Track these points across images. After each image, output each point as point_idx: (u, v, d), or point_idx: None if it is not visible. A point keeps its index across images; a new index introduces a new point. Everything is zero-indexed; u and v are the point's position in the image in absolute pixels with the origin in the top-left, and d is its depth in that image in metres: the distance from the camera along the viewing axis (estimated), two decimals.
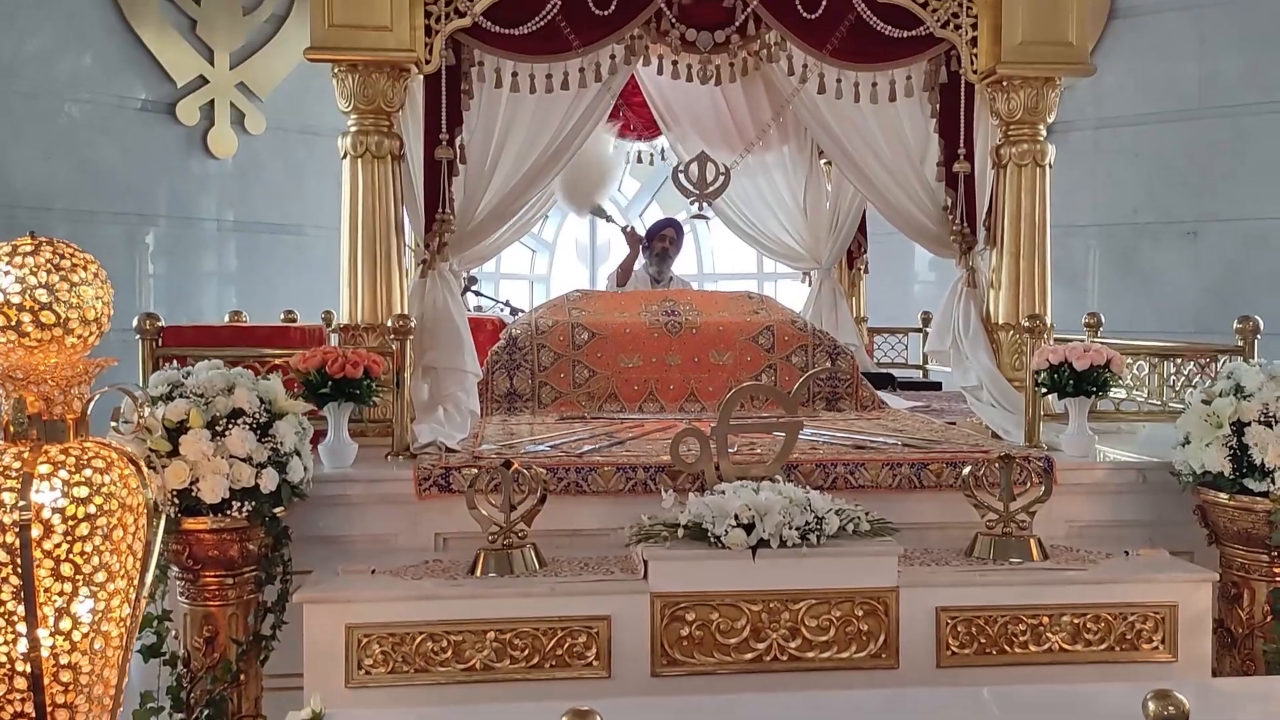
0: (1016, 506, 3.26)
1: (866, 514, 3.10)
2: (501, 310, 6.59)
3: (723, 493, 3.10)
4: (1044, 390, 3.69)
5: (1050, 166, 4.15)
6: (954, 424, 4.44)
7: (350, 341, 3.92)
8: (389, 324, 3.68)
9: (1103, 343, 3.78)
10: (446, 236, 4.08)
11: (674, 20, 4.07)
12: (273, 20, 7.74)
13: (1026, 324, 3.84)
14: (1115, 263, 7.56)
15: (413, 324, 3.68)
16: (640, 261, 6.34)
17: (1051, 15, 4.00)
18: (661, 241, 6.29)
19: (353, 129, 3.94)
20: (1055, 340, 4.01)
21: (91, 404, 2.32)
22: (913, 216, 4.37)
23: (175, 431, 2.84)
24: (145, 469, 2.29)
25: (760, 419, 4.37)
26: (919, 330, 6.72)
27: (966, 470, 3.32)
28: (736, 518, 2.97)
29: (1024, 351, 4.11)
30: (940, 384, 6.39)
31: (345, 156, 3.95)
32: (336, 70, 3.92)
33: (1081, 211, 7.39)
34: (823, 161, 6.26)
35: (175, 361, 3.25)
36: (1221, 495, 3.24)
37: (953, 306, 4.30)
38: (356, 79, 3.88)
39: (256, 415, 2.93)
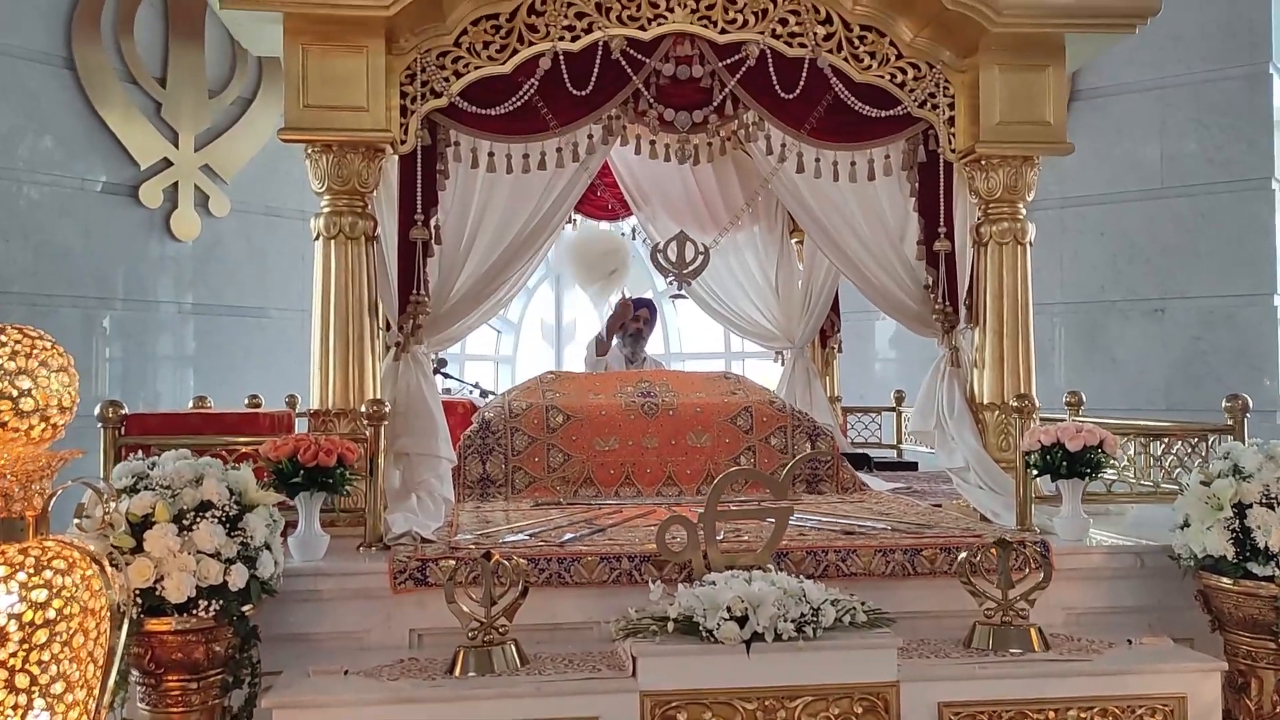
0: (1015, 594, 3.16)
1: (863, 604, 2.98)
2: (471, 393, 6.47)
3: (713, 583, 2.98)
4: (1036, 472, 3.62)
5: (1031, 245, 4.13)
6: (939, 506, 4.36)
7: (321, 427, 3.78)
8: (362, 409, 3.55)
9: (1092, 422, 3.72)
10: (421, 318, 3.98)
11: (652, 100, 4.04)
12: (239, 102, 7.69)
13: (1014, 404, 3.78)
14: (1083, 340, 7.59)
15: (386, 409, 3.55)
16: (614, 341, 6.27)
17: (1028, 95, 4.02)
18: (636, 322, 6.24)
19: (326, 210, 3.85)
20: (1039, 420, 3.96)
21: (53, 500, 2.17)
22: (893, 295, 4.33)
23: (140, 526, 2.69)
24: (109, 568, 2.14)
25: (742, 503, 4.27)
26: (891, 409, 6.68)
27: (962, 556, 3.22)
28: (729, 610, 2.85)
29: (1010, 432, 4.06)
30: (916, 464, 6.32)
31: (318, 238, 3.86)
32: (310, 151, 3.84)
33: (1049, 289, 7.43)
34: (794, 240, 6.26)
35: (139, 451, 3.10)
36: (1225, 580, 3.16)
37: (936, 386, 4.24)
38: (331, 159, 3.80)
39: (226, 508, 2.78)
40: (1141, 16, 3.91)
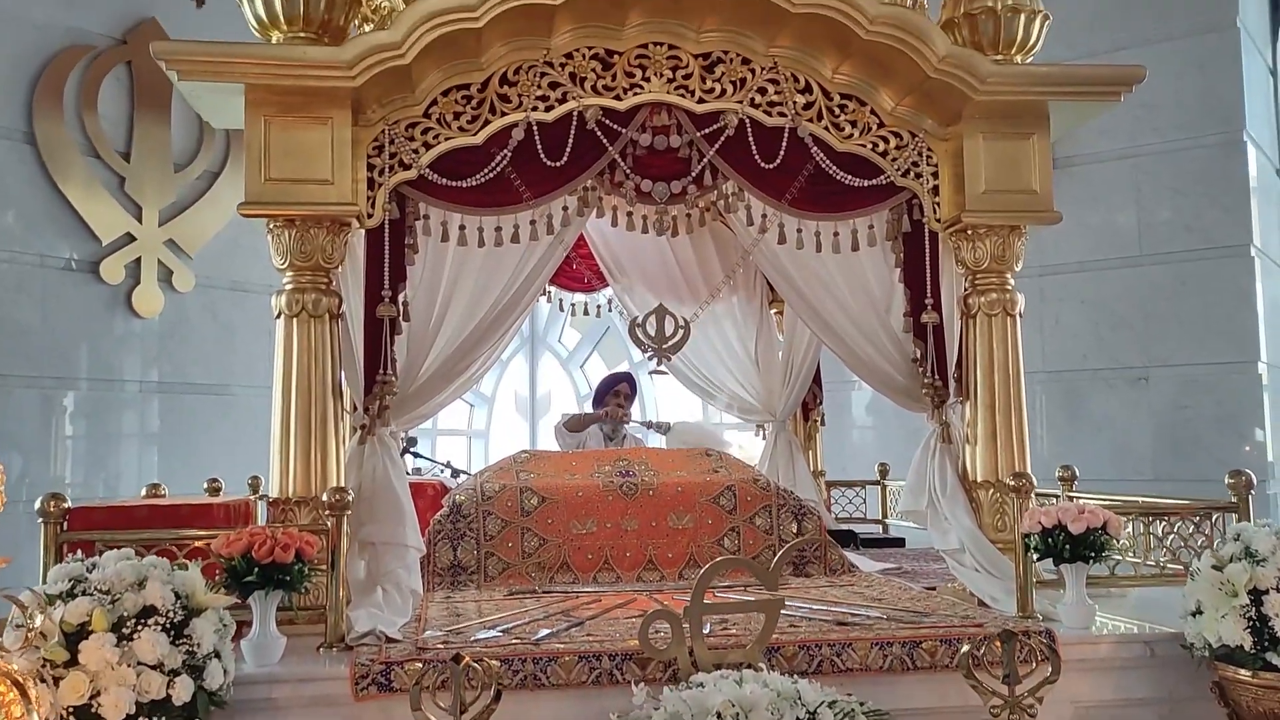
0: (1023, 689, 2.96)
1: (862, 704, 2.78)
2: (441, 473, 6.25)
3: (701, 685, 2.76)
4: (1037, 555, 3.44)
5: (1021, 315, 4.00)
6: (933, 589, 4.16)
7: (280, 517, 3.57)
8: (324, 497, 3.33)
9: (1092, 499, 3.56)
10: (388, 399, 3.79)
11: (628, 171, 3.91)
12: (205, 176, 7.55)
13: (1011, 482, 3.61)
14: (1066, 409, 7.47)
15: (350, 497, 3.34)
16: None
17: (1013, 164, 3.92)
18: (616, 398, 6.06)
19: (288, 287, 3.67)
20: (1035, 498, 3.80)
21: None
22: (880, 369, 4.18)
23: (75, 636, 2.46)
24: (34, 688, 1.92)
25: (728, 589, 4.07)
26: (876, 483, 6.51)
27: (964, 650, 3.03)
28: (719, 716, 2.63)
29: (1006, 511, 3.89)
30: (903, 540, 6.14)
31: (279, 316, 3.67)
32: (272, 226, 3.67)
33: (1030, 358, 7.25)
34: (773, 311, 6.12)
35: (78, 550, 2.87)
36: (1243, 672, 2.97)
37: (926, 463, 4.07)
38: (294, 234, 3.63)
39: (171, 613, 2.56)
40: (1126, 85, 3.83)
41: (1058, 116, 3.94)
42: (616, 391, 6.12)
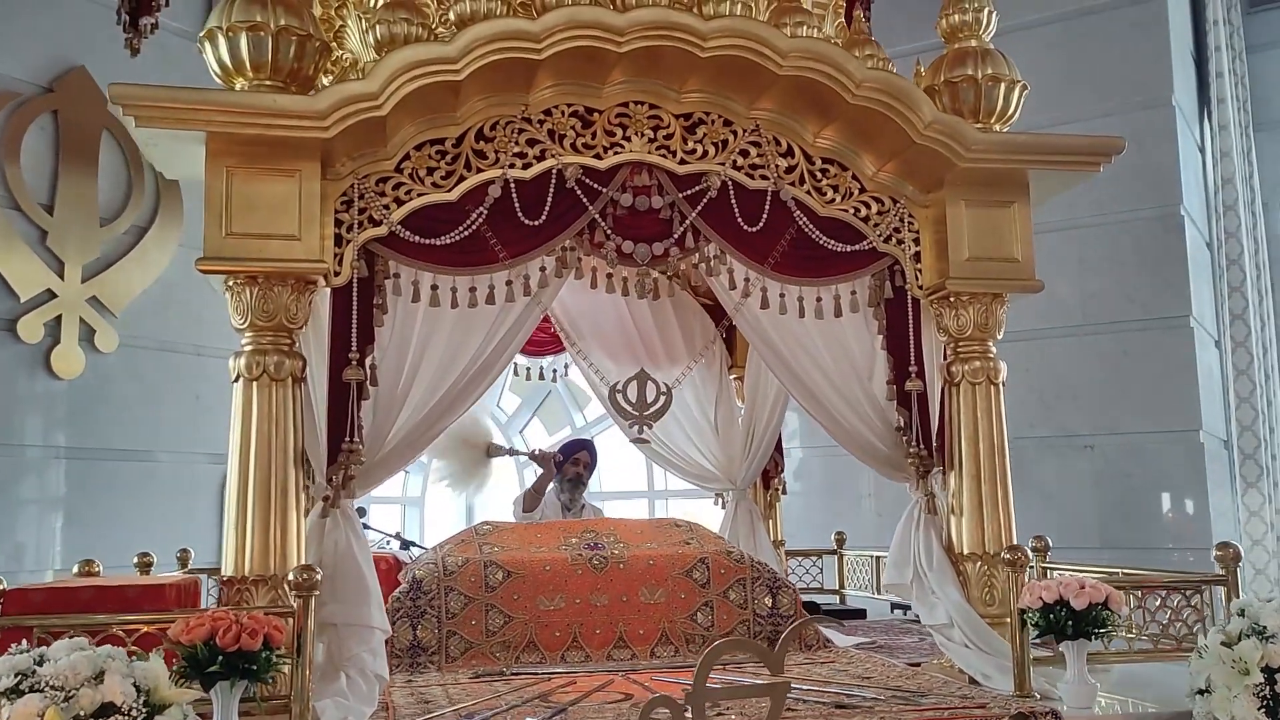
0: None
1: None
2: (388, 544, 5.95)
3: None
4: (1036, 632, 3.33)
5: (1004, 385, 3.94)
6: (917, 665, 4.02)
7: (235, 598, 3.30)
8: (290, 576, 3.08)
9: (1063, 568, 3.47)
10: (354, 468, 3.56)
11: (609, 232, 3.77)
12: (133, 231, 7.22)
13: (1006, 556, 3.50)
14: (1014, 477, 7.41)
15: (318, 576, 3.09)
16: (550, 486, 5.87)
17: (995, 232, 3.89)
18: (575, 466, 5.86)
19: (248, 348, 3.45)
20: None
21: None
22: (862, 437, 4.07)
23: None
24: None
25: (726, 666, 3.88)
26: (832, 552, 6.40)
27: None
28: None
29: (995, 584, 3.80)
30: (865, 611, 6.02)
31: (238, 379, 3.44)
32: (232, 283, 3.45)
33: None
34: (732, 377, 6.01)
35: (22, 640, 2.58)
36: None
37: (911, 535, 3.96)
38: (256, 293, 3.41)
39: (133, 712, 2.29)
40: (1105, 155, 3.84)
41: (1038, 185, 3.93)
42: (576, 460, 5.92)
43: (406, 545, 5.80)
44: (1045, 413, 7.35)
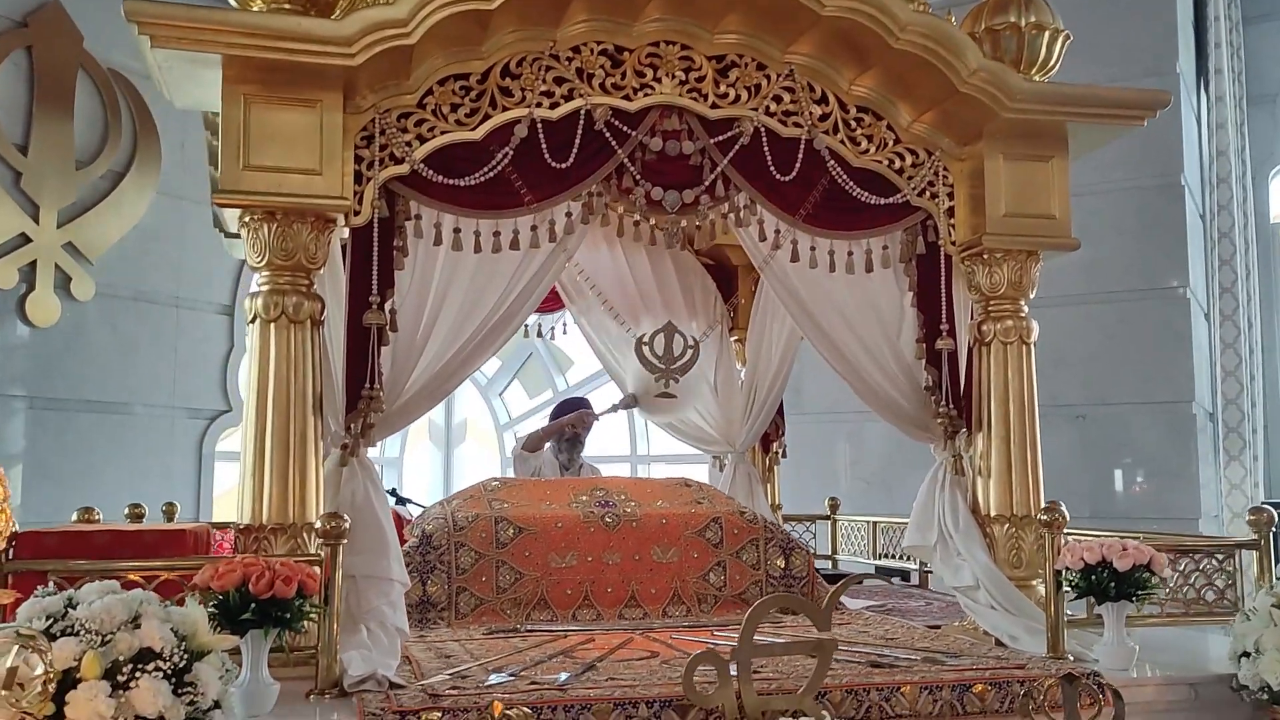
0: None
1: None
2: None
3: None
4: (1075, 593, 3.27)
5: (1035, 344, 3.87)
6: (936, 627, 3.96)
7: (253, 547, 3.15)
8: (317, 524, 2.94)
9: (1082, 534, 3.41)
10: (373, 416, 3.41)
11: (638, 177, 3.64)
12: (110, 176, 6.97)
13: (1043, 517, 3.43)
14: None
15: (346, 524, 2.96)
16: (548, 445, 5.75)
17: (1033, 187, 3.79)
18: (574, 426, 5.72)
19: (265, 288, 3.28)
20: None
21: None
22: (888, 395, 3.98)
23: (60, 685, 2.04)
24: None
25: (720, 630, 3.80)
26: (826, 518, 6.33)
27: (1024, 694, 2.82)
28: None
29: (1022, 547, 3.73)
30: (861, 578, 5.96)
31: (254, 320, 3.28)
32: (248, 219, 3.28)
33: None
34: (733, 339, 5.89)
35: (49, 582, 2.43)
36: None
37: (935, 497, 3.88)
38: (274, 230, 3.25)
39: (174, 657, 2.15)
40: (1151, 110, 3.75)
41: (1076, 140, 3.84)
42: (572, 421, 5.79)
43: (401, 501, 5.66)
44: (1040, 382, 7.30)
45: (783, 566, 4.39)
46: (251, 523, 3.19)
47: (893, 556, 5.86)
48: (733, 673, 2.73)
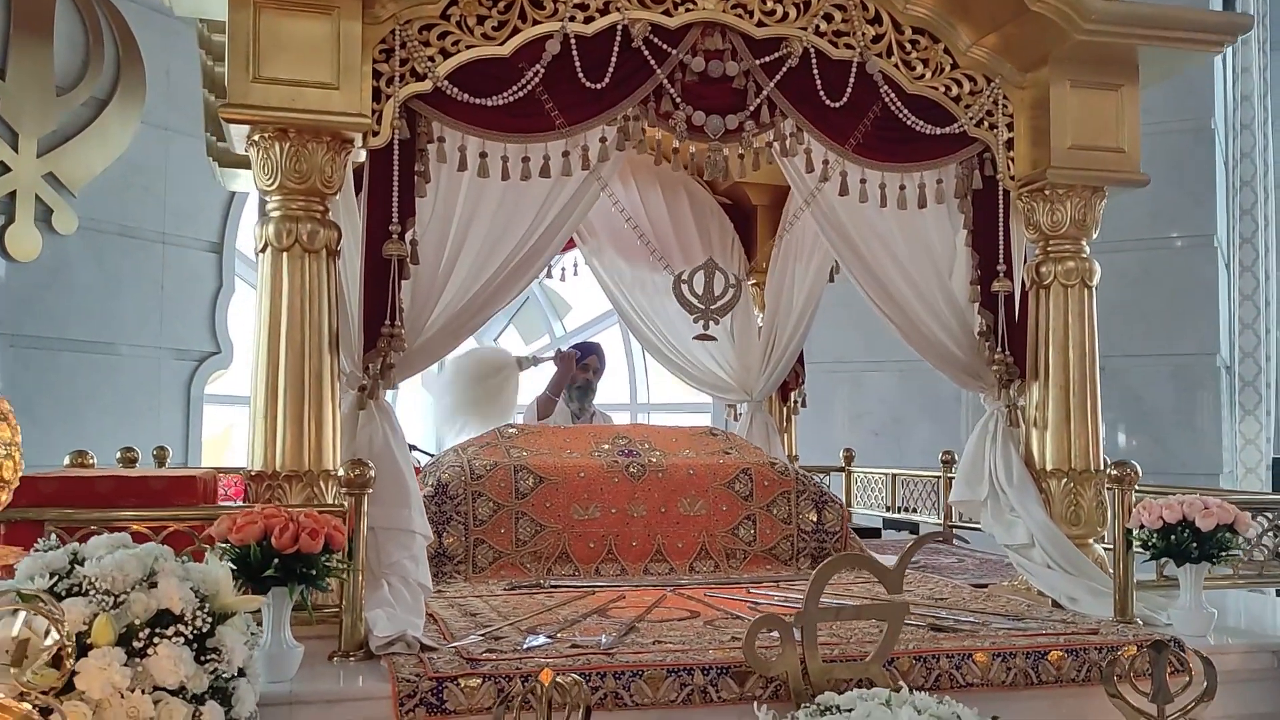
0: (1173, 709, 2.56)
1: None
2: None
3: (835, 709, 2.26)
4: (1152, 554, 3.06)
5: (1096, 288, 3.63)
6: (983, 585, 3.76)
7: (266, 496, 2.90)
8: (341, 471, 2.69)
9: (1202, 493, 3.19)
10: (393, 356, 3.15)
11: (677, 100, 3.35)
12: (92, 104, 6.59)
13: (1114, 471, 3.21)
14: None
15: (371, 472, 2.70)
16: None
17: (1102, 118, 3.53)
18: (585, 372, 5.47)
19: (275, 214, 3.00)
20: None
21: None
22: (938, 341, 3.74)
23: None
24: None
25: (756, 588, 3.59)
26: (840, 469, 6.11)
27: (1109, 661, 2.61)
28: None
29: (1081, 503, 3.52)
30: (879, 530, 5.78)
31: (265, 248, 3.00)
32: (258, 137, 2.98)
33: None
34: (751, 283, 5.63)
35: (51, 535, 2.17)
36: None
37: (986, 449, 3.65)
38: (287, 149, 2.96)
39: (196, 620, 1.90)
40: (1231, 34, 3.49)
41: (1146, 68, 3.57)
42: (585, 365, 5.54)
43: (411, 448, 5.38)
44: None
45: (814, 520, 4.17)
46: (264, 469, 2.93)
47: (908, 510, 5.68)
48: (796, 638, 2.51)
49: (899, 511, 5.70)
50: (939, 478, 5.30)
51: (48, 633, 1.72)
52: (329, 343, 3.01)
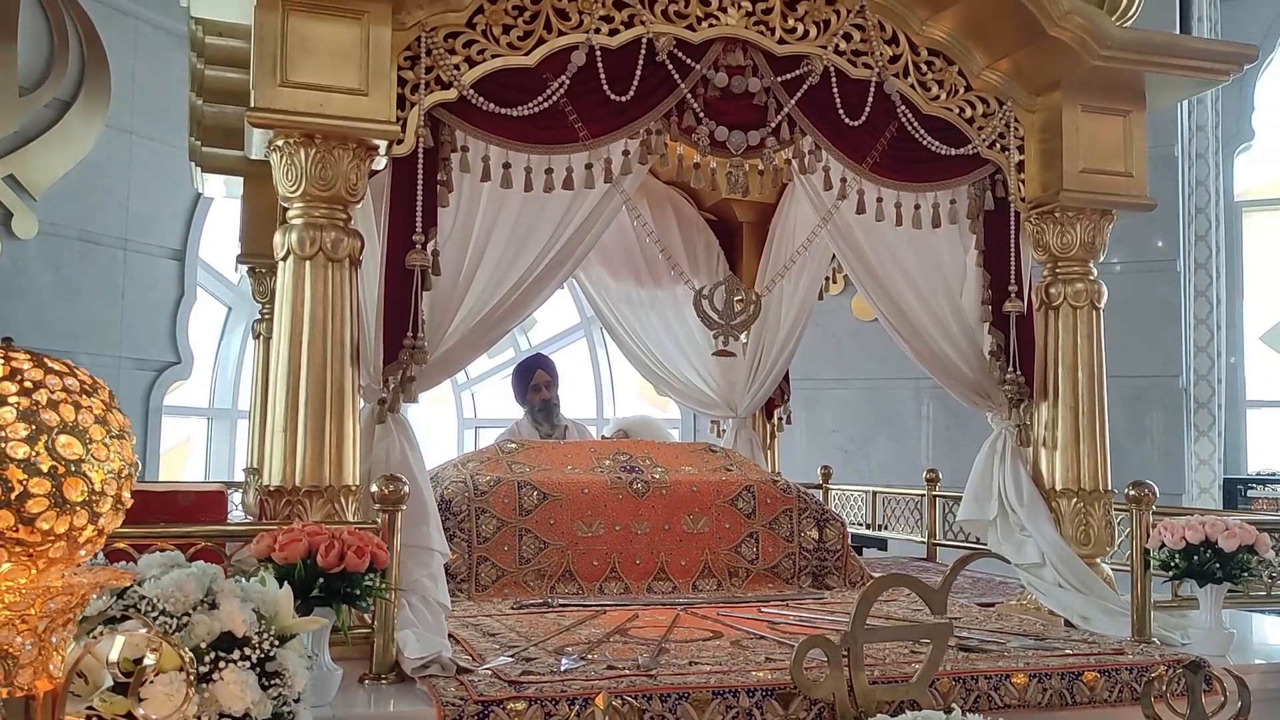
0: None
1: None
2: None
3: None
4: (1173, 574, 3.08)
5: (1103, 310, 3.67)
6: (990, 605, 3.77)
7: (283, 512, 2.80)
8: (374, 488, 2.60)
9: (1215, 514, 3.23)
10: (414, 369, 3.07)
11: (700, 114, 3.33)
12: (55, 105, 6.40)
13: (1131, 492, 3.24)
14: (951, 411, 7.26)
15: (405, 489, 2.62)
16: (521, 419, 5.31)
17: (1111, 142, 3.58)
18: (538, 394, 5.20)
19: (298, 221, 2.91)
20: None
21: (80, 662, 1.24)
22: (948, 359, 3.75)
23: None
24: None
25: (769, 606, 3.56)
26: (818, 486, 6.11)
27: (1147, 681, 2.62)
28: None
29: (1091, 523, 3.54)
30: (860, 549, 5.78)
31: (287, 256, 2.91)
32: (282, 143, 2.90)
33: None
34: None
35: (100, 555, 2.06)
36: None
37: (995, 469, 3.67)
38: (313, 156, 2.88)
39: (262, 644, 1.82)
40: (1238, 64, 3.55)
41: (1152, 94, 3.63)
42: (534, 386, 5.27)
43: None
44: None
45: (816, 538, 4.15)
46: (283, 484, 2.83)
47: (884, 528, 5.71)
48: (843, 659, 2.49)
49: (879, 529, 5.72)
50: (923, 495, 5.33)
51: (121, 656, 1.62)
52: (350, 354, 2.93)
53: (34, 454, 1.14)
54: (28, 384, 1.18)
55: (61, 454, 1.14)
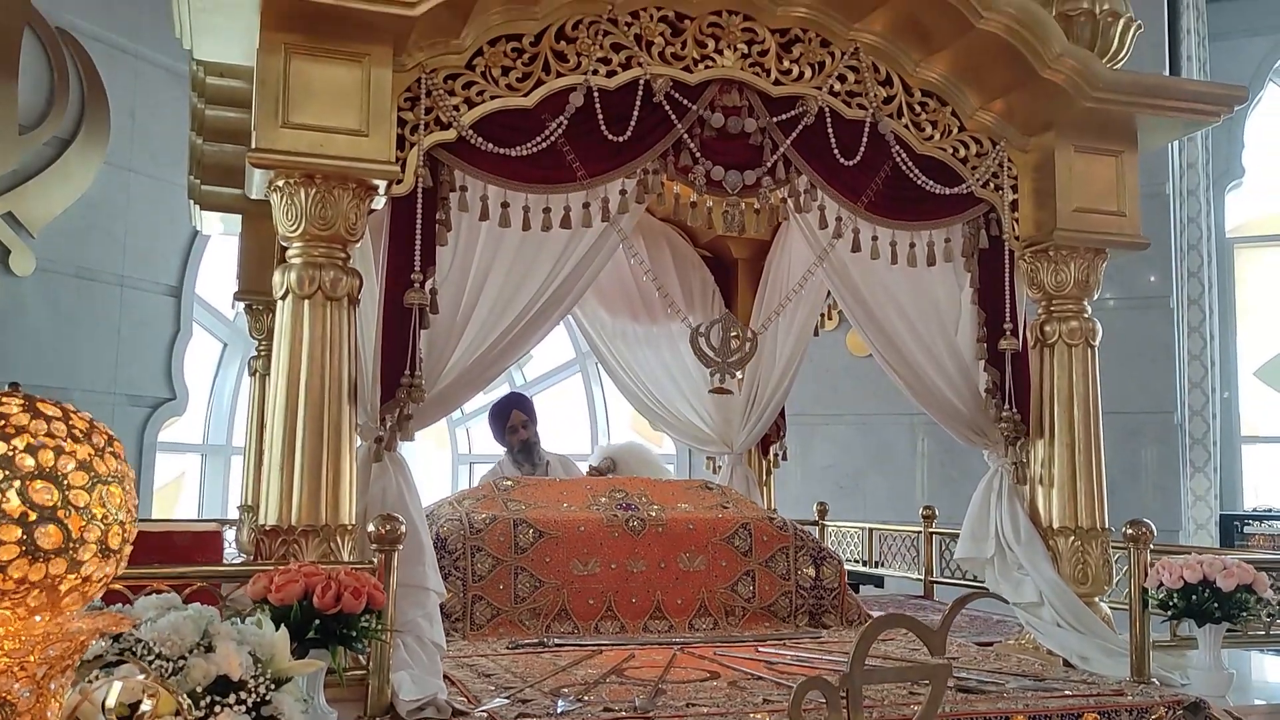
0: None
1: None
2: None
3: None
4: (1171, 614, 3.08)
5: (1098, 348, 3.69)
6: (989, 644, 3.76)
7: (279, 551, 2.79)
8: (371, 527, 2.60)
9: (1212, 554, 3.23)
10: (411, 407, 3.07)
11: (696, 154, 3.36)
12: (54, 143, 6.44)
13: (1129, 530, 3.24)
14: (946, 447, 7.27)
15: (403, 528, 2.62)
16: (502, 460, 5.29)
17: (1103, 182, 3.62)
18: (515, 435, 5.16)
19: (297, 260, 2.93)
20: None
21: (77, 708, 1.24)
22: (944, 397, 3.76)
23: None
24: None
25: (767, 646, 3.55)
26: (814, 523, 6.11)
27: None
28: None
29: (1089, 561, 3.54)
30: (856, 586, 5.76)
31: (286, 295, 2.92)
32: (283, 183, 2.91)
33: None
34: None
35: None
36: None
37: (992, 507, 3.67)
38: (312, 196, 2.89)
39: (257, 688, 1.81)
40: (1228, 105, 3.60)
41: (1144, 135, 3.67)
42: (511, 428, 5.22)
43: None
44: None
45: (813, 576, 4.14)
46: (279, 524, 2.82)
47: (881, 565, 5.70)
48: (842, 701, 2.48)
49: (875, 566, 5.71)
50: (919, 532, 5.32)
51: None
52: (348, 393, 2.93)
53: (2, 499, 1.13)
54: (9, 430, 1.18)
55: (34, 500, 1.14)
